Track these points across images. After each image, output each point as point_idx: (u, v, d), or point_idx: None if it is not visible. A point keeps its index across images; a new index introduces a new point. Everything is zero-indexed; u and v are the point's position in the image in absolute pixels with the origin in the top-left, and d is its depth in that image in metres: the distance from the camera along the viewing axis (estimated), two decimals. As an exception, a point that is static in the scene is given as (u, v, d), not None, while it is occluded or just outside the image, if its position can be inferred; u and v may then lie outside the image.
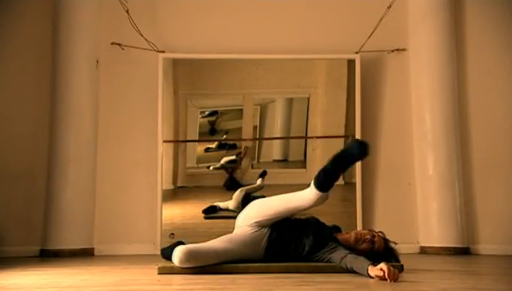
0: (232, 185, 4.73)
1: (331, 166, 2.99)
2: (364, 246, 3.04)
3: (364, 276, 2.66)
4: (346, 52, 4.86)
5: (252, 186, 4.69)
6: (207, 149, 4.87)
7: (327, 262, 2.94)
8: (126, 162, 4.74)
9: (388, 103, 4.93)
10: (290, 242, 3.03)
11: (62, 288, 2.38)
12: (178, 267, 2.86)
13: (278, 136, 4.97)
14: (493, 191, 4.73)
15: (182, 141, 4.85)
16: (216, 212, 4.60)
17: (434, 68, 4.77)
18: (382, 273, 2.55)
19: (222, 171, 4.79)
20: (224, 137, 4.89)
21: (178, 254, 2.82)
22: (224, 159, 4.82)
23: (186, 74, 4.92)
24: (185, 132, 4.87)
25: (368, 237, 3.06)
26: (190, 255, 2.81)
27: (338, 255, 2.88)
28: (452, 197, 4.62)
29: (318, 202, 3.00)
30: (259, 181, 4.72)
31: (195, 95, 4.98)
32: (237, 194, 4.63)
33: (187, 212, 4.73)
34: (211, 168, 4.83)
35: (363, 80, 4.82)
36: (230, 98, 5.06)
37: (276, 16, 4.96)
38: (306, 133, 4.89)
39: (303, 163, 4.85)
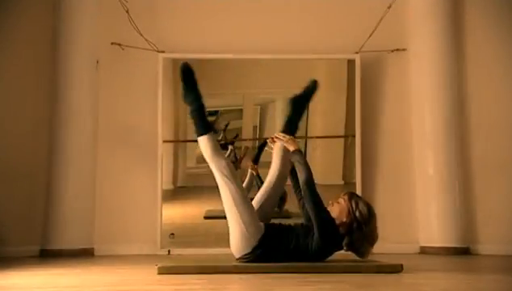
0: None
1: None
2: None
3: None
4: (346, 52, 4.86)
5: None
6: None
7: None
8: (126, 162, 4.74)
9: (388, 103, 4.93)
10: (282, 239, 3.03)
11: (62, 288, 2.38)
12: (178, 266, 2.88)
13: (278, 136, 4.95)
14: (493, 191, 4.73)
15: (182, 141, 4.85)
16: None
17: (434, 68, 4.77)
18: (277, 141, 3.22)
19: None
20: (221, 133, 4.86)
21: None
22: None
23: (187, 74, 4.91)
24: (185, 132, 4.87)
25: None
26: None
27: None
28: (452, 197, 4.62)
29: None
30: None
31: (195, 95, 4.97)
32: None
33: (187, 212, 4.73)
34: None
35: (362, 80, 4.82)
36: (230, 98, 5.06)
37: (276, 16, 4.96)
38: (306, 133, 4.89)
39: (303, 163, 4.84)
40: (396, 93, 4.94)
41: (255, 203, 3.22)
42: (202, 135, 3.15)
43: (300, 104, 3.51)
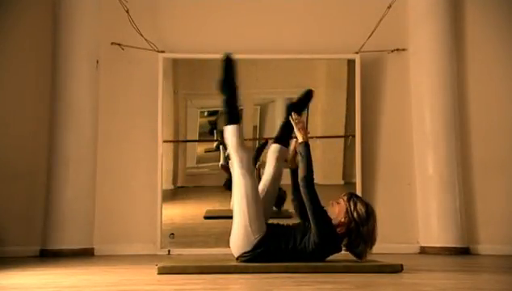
0: (231, 185, 4.72)
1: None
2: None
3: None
4: (346, 52, 4.86)
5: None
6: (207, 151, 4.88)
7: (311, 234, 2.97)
8: (126, 162, 4.74)
9: (388, 102, 4.93)
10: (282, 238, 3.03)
11: (62, 288, 2.38)
12: (178, 266, 2.88)
13: (278, 136, 4.95)
14: (492, 191, 4.73)
15: (182, 141, 4.85)
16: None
17: (434, 68, 4.77)
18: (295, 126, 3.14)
19: (222, 171, 4.79)
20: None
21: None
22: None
23: (186, 74, 4.92)
24: (185, 132, 4.87)
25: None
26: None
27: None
28: (452, 197, 4.62)
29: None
30: None
31: (195, 95, 4.97)
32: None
33: (187, 212, 4.73)
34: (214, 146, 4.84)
35: (362, 80, 4.82)
36: (230, 98, 5.04)
37: (276, 16, 4.96)
38: (306, 133, 4.88)
39: (303, 163, 4.85)
40: (396, 93, 4.94)
41: None
42: (230, 124, 3.17)
43: (295, 111, 3.48)
